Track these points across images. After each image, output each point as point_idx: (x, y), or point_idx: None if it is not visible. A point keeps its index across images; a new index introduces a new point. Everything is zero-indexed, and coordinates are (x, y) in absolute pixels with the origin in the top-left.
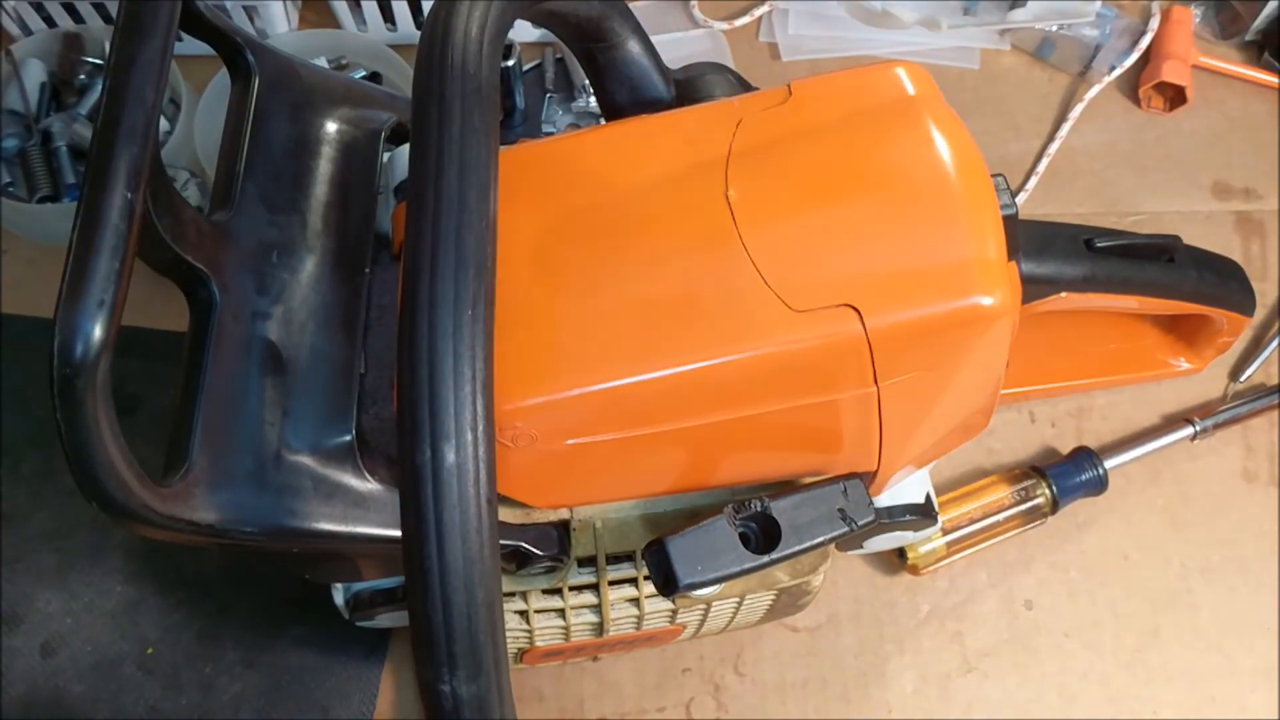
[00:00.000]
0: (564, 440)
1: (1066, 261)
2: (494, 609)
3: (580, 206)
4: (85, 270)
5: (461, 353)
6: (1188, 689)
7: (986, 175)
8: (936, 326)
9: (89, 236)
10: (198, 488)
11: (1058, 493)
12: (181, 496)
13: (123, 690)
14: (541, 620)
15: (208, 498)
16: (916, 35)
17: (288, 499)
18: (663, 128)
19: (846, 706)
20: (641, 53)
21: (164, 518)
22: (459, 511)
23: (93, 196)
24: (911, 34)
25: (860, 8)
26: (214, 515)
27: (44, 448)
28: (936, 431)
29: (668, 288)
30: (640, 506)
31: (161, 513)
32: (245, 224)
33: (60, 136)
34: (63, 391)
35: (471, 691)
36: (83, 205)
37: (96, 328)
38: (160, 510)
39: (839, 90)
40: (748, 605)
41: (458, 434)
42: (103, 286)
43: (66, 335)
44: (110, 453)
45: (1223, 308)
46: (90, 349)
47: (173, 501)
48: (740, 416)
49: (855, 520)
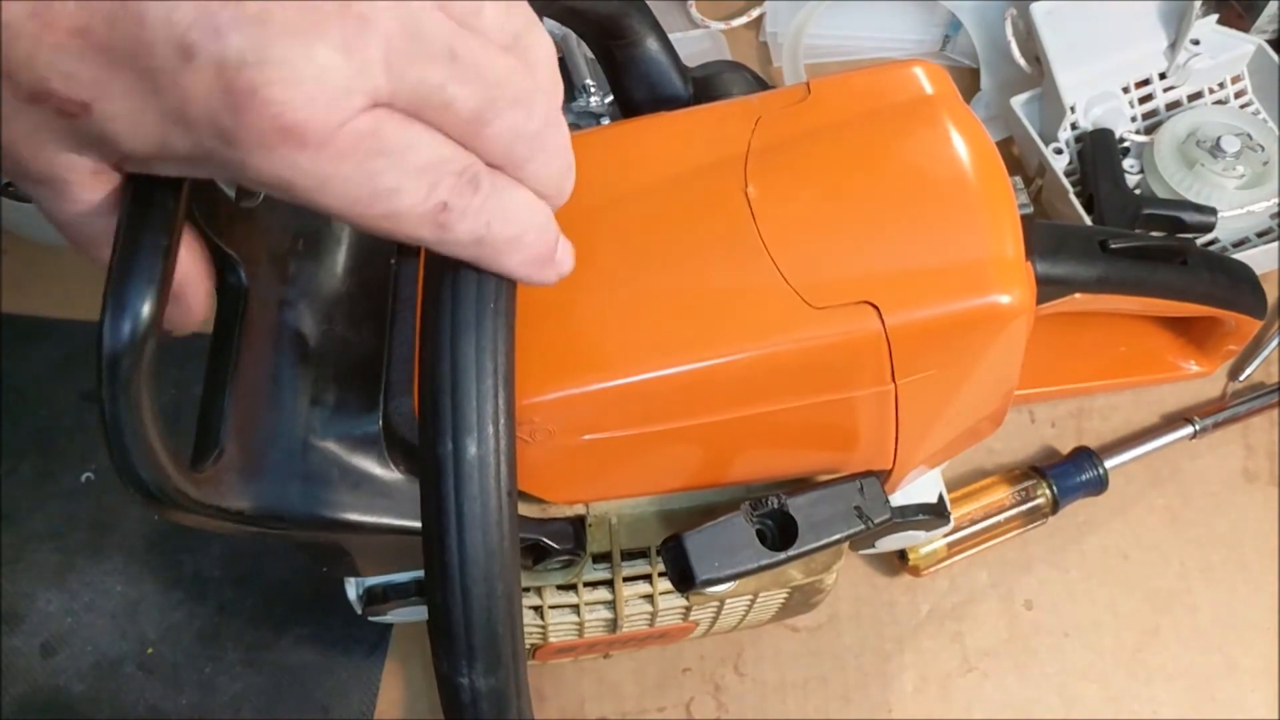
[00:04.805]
0: (581, 435)
1: (1081, 262)
2: (513, 602)
3: (598, 203)
4: (136, 245)
5: (484, 346)
6: (1188, 689)
7: (1004, 174)
8: (955, 324)
9: (139, 212)
10: (229, 474)
11: (1058, 493)
12: (213, 482)
13: (123, 690)
14: (556, 616)
15: (239, 484)
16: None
17: (316, 487)
18: (681, 125)
19: (846, 706)
20: (660, 50)
21: (197, 503)
22: (480, 504)
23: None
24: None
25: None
26: (245, 502)
27: (44, 448)
28: (951, 431)
29: (687, 284)
30: (656, 503)
31: (195, 498)
32: (271, 212)
33: None
34: (110, 369)
35: (490, 684)
36: (131, 181)
37: (146, 305)
38: (194, 496)
39: (857, 89)
40: (760, 603)
41: (479, 427)
42: (153, 263)
43: (116, 312)
44: (150, 435)
45: (1234, 310)
46: (139, 326)
47: (206, 487)
48: (758, 413)
49: (872, 518)
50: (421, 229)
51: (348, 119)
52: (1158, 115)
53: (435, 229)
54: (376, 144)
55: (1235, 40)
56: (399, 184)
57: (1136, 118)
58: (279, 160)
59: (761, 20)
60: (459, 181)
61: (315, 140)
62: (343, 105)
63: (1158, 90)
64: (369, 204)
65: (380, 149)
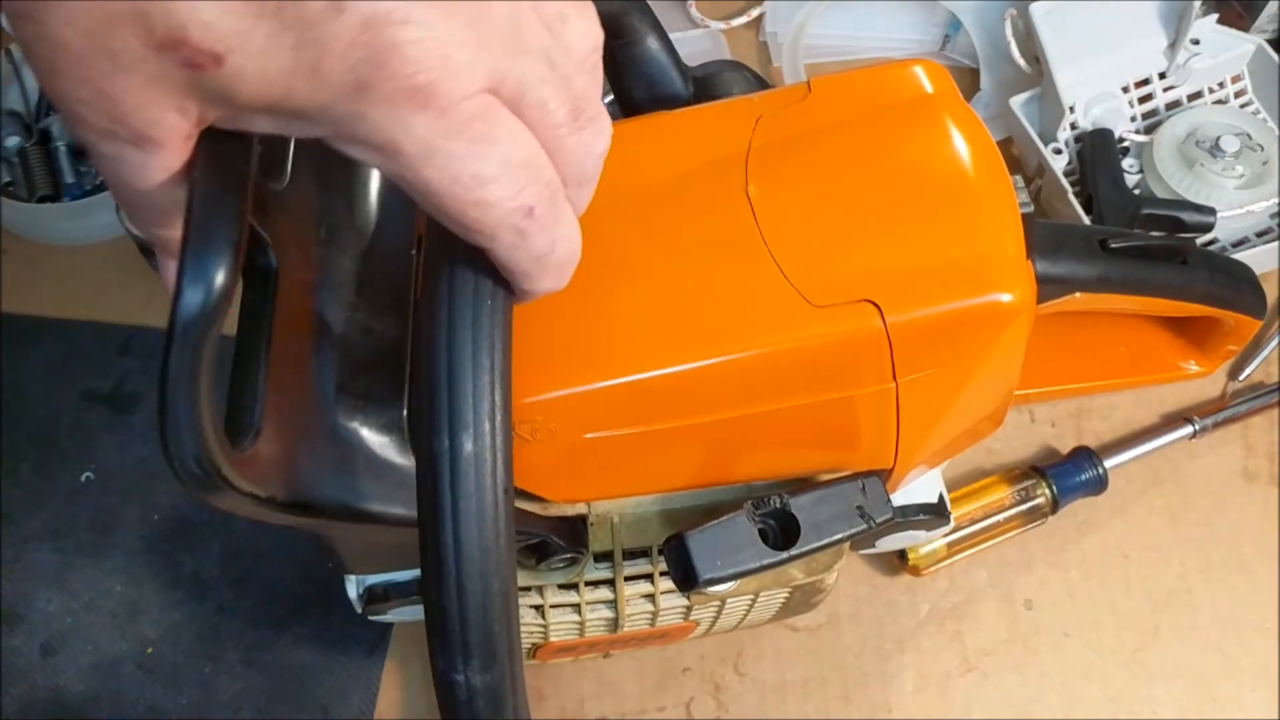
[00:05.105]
0: (582, 434)
1: (1081, 262)
2: (509, 599)
3: (599, 202)
4: (214, 209)
5: (481, 343)
6: (1187, 689)
7: (1005, 173)
8: (956, 322)
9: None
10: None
11: (1058, 493)
12: (250, 465)
13: (123, 690)
14: (557, 615)
15: (273, 469)
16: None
17: (345, 475)
18: (682, 124)
19: (846, 706)
20: (660, 49)
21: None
22: (476, 500)
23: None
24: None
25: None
26: (279, 488)
27: (44, 447)
28: (952, 430)
29: (688, 283)
30: (658, 502)
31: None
32: (298, 196)
33: (60, 136)
34: (182, 337)
35: (485, 681)
36: (205, 144)
37: (222, 272)
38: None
39: (858, 88)
40: (761, 602)
41: (475, 423)
42: (230, 228)
43: (195, 276)
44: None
45: (1234, 310)
46: (215, 294)
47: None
48: (759, 412)
49: (874, 518)
50: (502, 229)
51: (469, 94)
52: (1157, 115)
53: (513, 233)
54: (486, 126)
55: (1235, 40)
56: (496, 174)
57: (1136, 118)
58: (398, 121)
59: (761, 20)
60: (545, 191)
61: (438, 106)
62: (467, 78)
63: (1157, 90)
64: (466, 187)
65: (488, 133)
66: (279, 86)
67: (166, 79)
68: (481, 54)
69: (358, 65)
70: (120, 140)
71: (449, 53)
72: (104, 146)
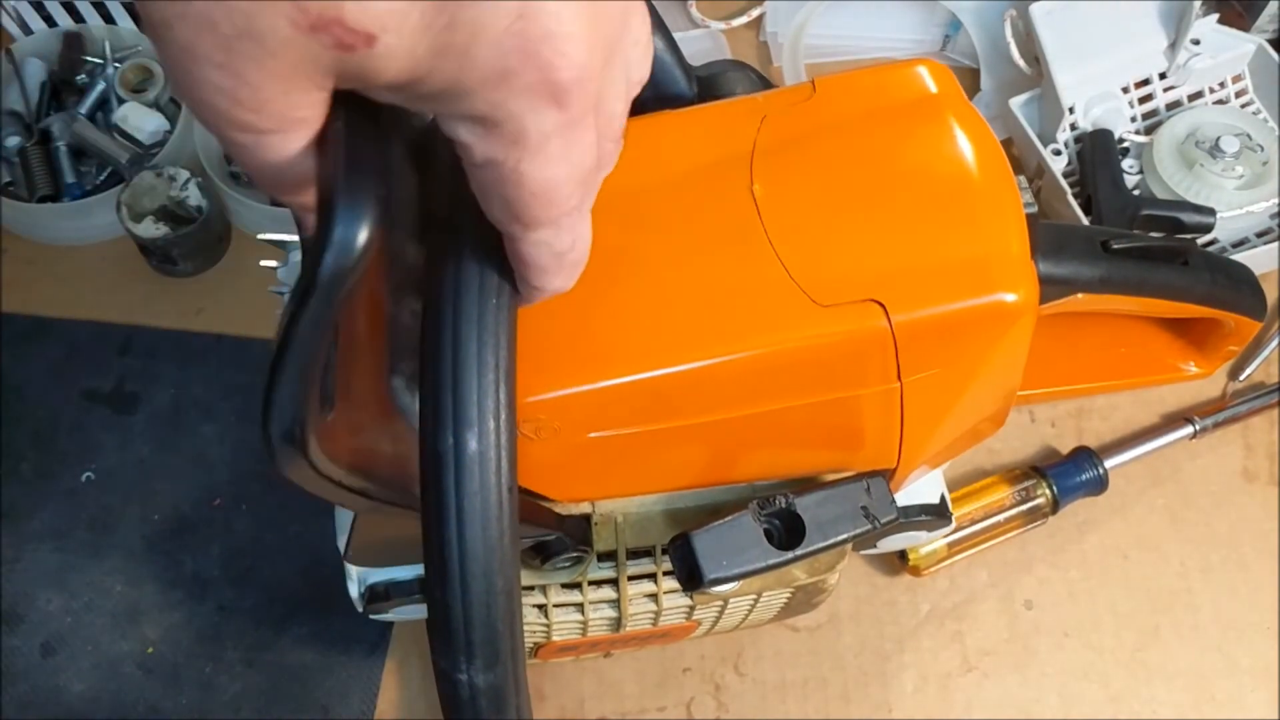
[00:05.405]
0: (587, 433)
1: (1084, 262)
2: (513, 598)
3: (603, 201)
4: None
5: (485, 340)
6: (1187, 689)
7: (1010, 173)
8: (961, 322)
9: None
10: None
11: (1058, 493)
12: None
13: (123, 690)
14: (560, 615)
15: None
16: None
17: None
18: (686, 123)
19: (846, 706)
20: (664, 49)
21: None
22: (480, 499)
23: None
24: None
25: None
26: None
27: (44, 448)
28: (955, 430)
29: (693, 282)
30: (662, 502)
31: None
32: None
33: (60, 136)
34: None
35: (488, 680)
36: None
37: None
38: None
39: (862, 87)
40: (763, 602)
41: (480, 421)
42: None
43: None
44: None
45: (1234, 311)
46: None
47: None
48: (763, 411)
49: (878, 518)
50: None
51: (590, 96)
52: (1157, 115)
53: (552, 229)
54: (585, 131)
55: (1235, 40)
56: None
57: (1136, 118)
58: (531, 111)
59: (761, 20)
60: (589, 192)
61: (567, 104)
62: (594, 80)
63: (1157, 90)
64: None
65: (583, 137)
66: (424, 67)
67: (315, 60)
68: (600, 59)
69: (509, 53)
70: (257, 130)
71: (587, 53)
72: (238, 136)
